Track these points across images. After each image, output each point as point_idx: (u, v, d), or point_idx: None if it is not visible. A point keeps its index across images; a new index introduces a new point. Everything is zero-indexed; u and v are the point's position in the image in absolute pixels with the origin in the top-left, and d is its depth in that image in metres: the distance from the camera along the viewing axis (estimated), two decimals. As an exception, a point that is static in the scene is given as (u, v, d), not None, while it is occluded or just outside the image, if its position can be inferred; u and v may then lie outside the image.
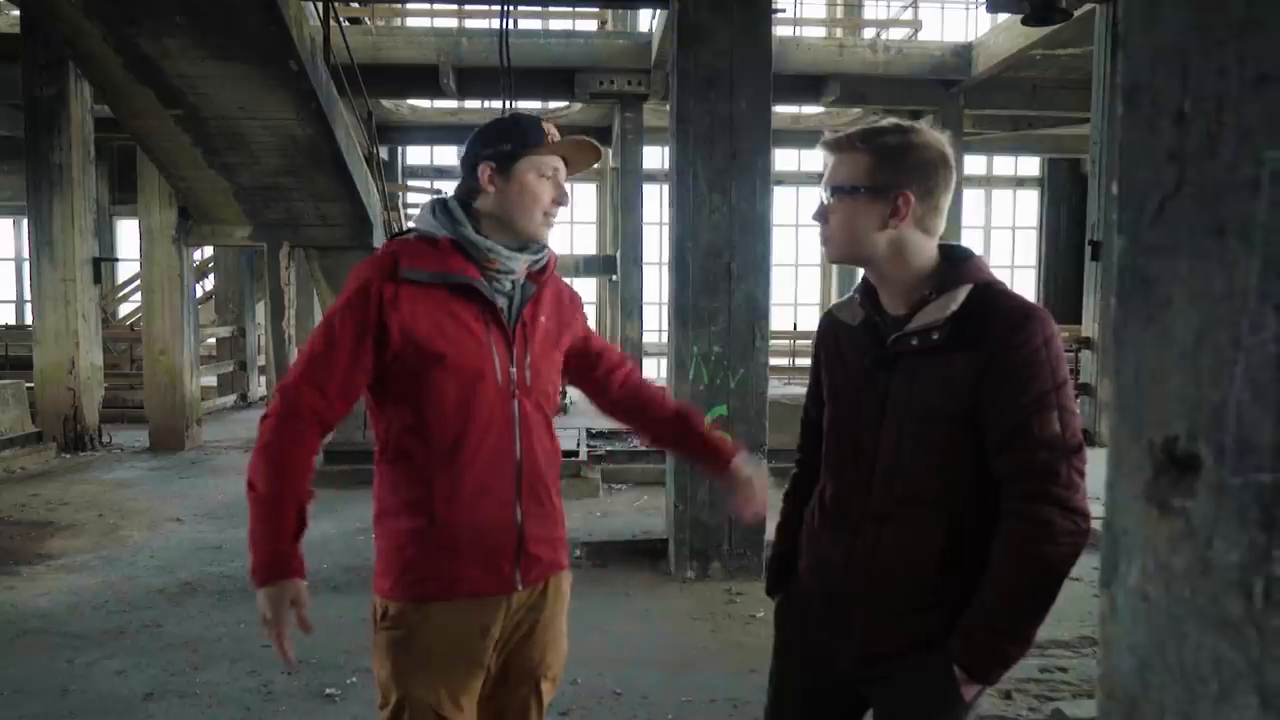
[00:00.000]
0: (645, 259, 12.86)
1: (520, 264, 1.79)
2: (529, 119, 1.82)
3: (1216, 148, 0.61)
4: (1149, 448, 0.66)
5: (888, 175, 1.48)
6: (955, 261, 1.52)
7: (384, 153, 12.18)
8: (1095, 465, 1.46)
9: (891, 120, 1.56)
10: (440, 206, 1.80)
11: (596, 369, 2.05)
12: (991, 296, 1.47)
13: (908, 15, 13.77)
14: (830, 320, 1.69)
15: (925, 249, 1.52)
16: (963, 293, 1.47)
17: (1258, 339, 0.57)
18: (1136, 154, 0.69)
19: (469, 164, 1.79)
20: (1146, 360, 0.67)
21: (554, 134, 1.80)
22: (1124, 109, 0.70)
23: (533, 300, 1.83)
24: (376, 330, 1.68)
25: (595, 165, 1.98)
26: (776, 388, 6.50)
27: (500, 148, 1.76)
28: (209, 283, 13.79)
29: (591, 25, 12.61)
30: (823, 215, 1.55)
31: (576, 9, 12.10)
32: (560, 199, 1.81)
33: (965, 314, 1.45)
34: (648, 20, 11.38)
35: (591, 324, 2.18)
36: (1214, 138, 0.61)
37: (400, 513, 1.75)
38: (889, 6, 14.66)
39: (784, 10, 9.39)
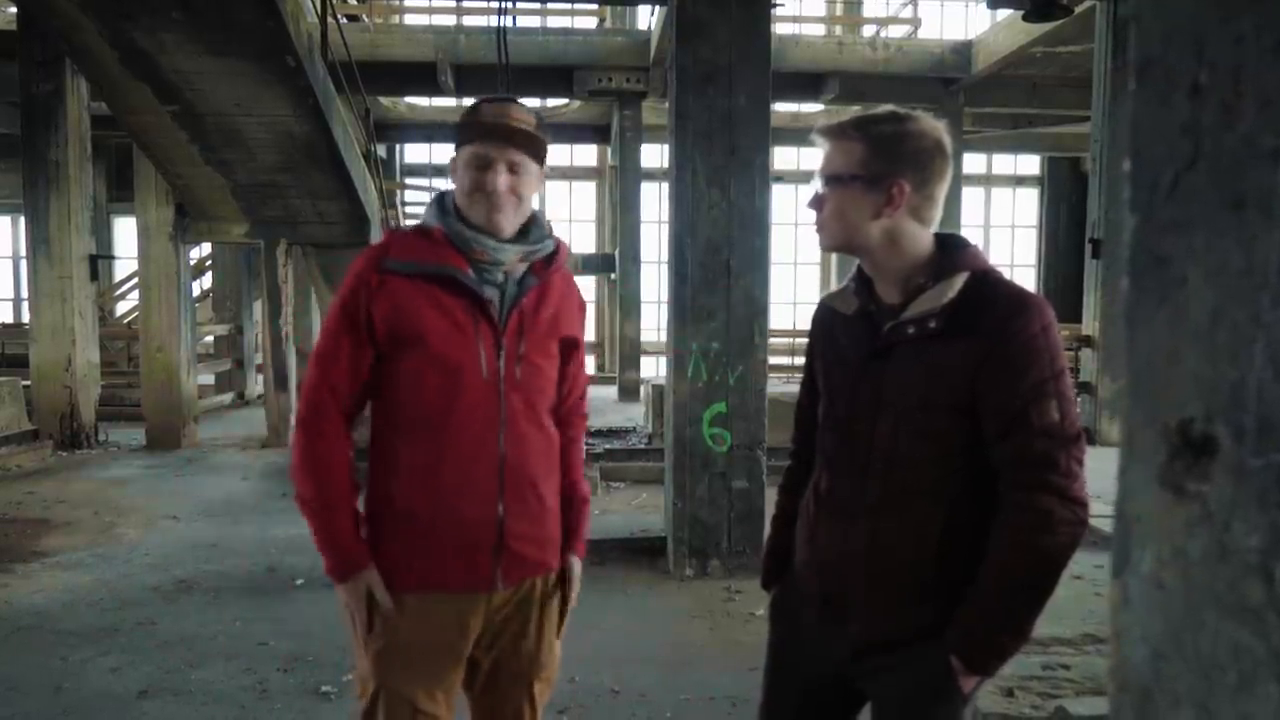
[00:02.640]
0: (644, 257, 12.86)
1: (510, 254, 1.75)
2: (475, 106, 1.77)
3: (1233, 119, 0.59)
4: (1163, 431, 0.64)
5: (882, 164, 1.46)
6: (951, 250, 1.51)
7: (382, 150, 12.17)
8: (1095, 463, 1.45)
9: (887, 108, 1.53)
10: (437, 199, 1.81)
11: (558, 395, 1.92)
12: (989, 285, 1.46)
13: (907, 13, 13.74)
14: (824, 309, 1.67)
15: (920, 238, 1.50)
16: (959, 281, 1.45)
17: (1278, 315, 0.55)
18: (1150, 130, 0.67)
19: None
20: (1161, 341, 0.65)
21: (493, 118, 1.72)
22: (1136, 84, 0.68)
23: (537, 292, 1.78)
24: (367, 320, 1.71)
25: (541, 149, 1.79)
26: (776, 385, 6.48)
27: (456, 138, 1.78)
28: (206, 280, 13.76)
29: (590, 23, 12.61)
30: (817, 203, 1.53)
31: (575, 6, 12.11)
32: (483, 188, 1.71)
33: (962, 302, 1.44)
34: (646, 17, 11.37)
35: (590, 327, 2.07)
36: (1231, 109, 0.59)
37: (381, 503, 1.77)
38: (888, 4, 14.63)
39: (783, 5, 9.37)
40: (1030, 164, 17.56)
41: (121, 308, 15.03)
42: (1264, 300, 0.56)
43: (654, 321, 14.21)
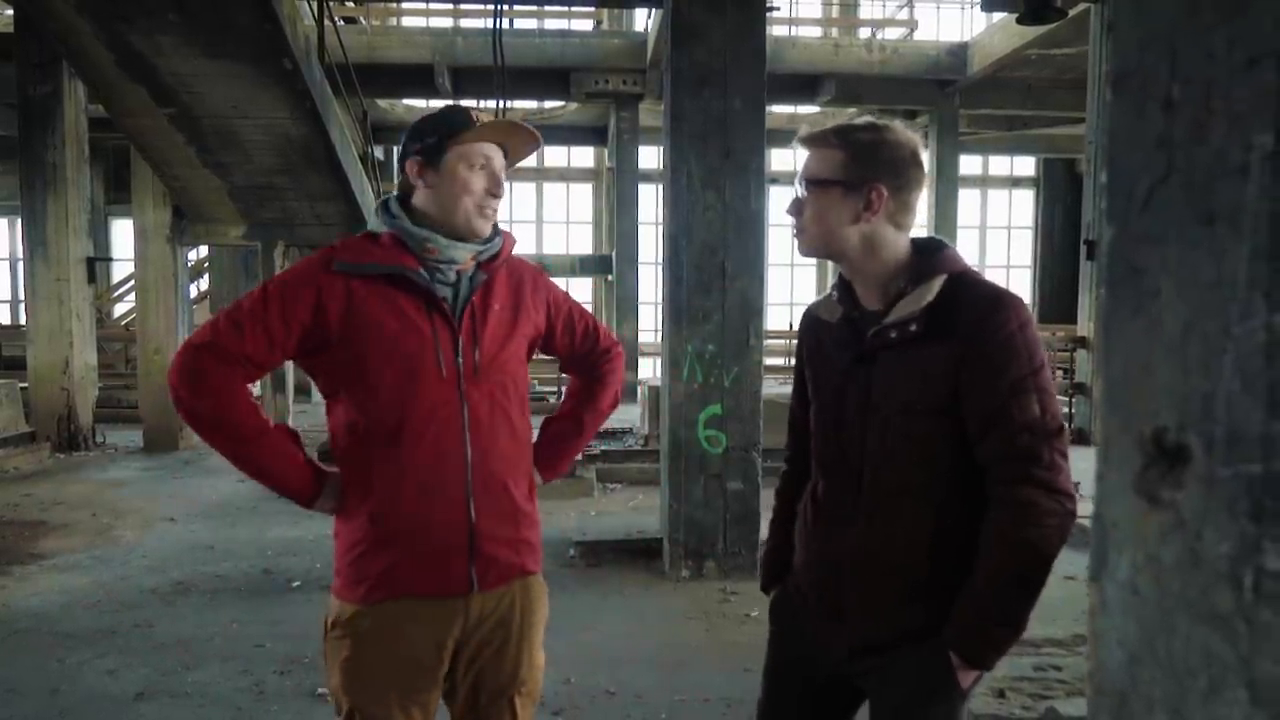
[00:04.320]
0: (641, 258, 12.88)
1: (463, 253, 1.72)
2: (456, 108, 1.74)
3: (1205, 134, 0.60)
4: (1138, 439, 0.65)
5: (861, 170, 1.50)
6: (928, 254, 1.54)
7: (379, 152, 12.16)
8: (1089, 463, 1.47)
9: (866, 118, 1.58)
10: (382, 205, 1.77)
11: (567, 365, 2.02)
12: (965, 286, 1.49)
13: (903, 15, 13.78)
14: (810, 319, 1.70)
15: (897, 244, 1.53)
16: (937, 284, 1.48)
17: (1246, 327, 0.56)
18: (1125, 141, 0.68)
19: (401, 161, 1.76)
20: (1135, 351, 0.66)
21: (491, 119, 1.72)
22: (1112, 95, 0.69)
23: (484, 287, 1.75)
24: (310, 320, 1.66)
25: (535, 150, 1.82)
26: (771, 386, 6.49)
27: (426, 140, 1.70)
28: (204, 282, 13.76)
29: (587, 25, 12.61)
30: (797, 208, 1.57)
31: (572, 8, 12.09)
32: (493, 189, 1.72)
33: (940, 304, 1.47)
34: (643, 20, 11.37)
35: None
36: (1203, 124, 0.60)
37: (348, 511, 1.72)
38: (885, 6, 14.65)
39: (778, 9, 9.37)
40: (1026, 165, 17.60)
41: (119, 309, 15.03)
42: (1233, 313, 0.57)
43: (651, 323, 14.23)
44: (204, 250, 12.90)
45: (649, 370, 13.22)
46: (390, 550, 1.68)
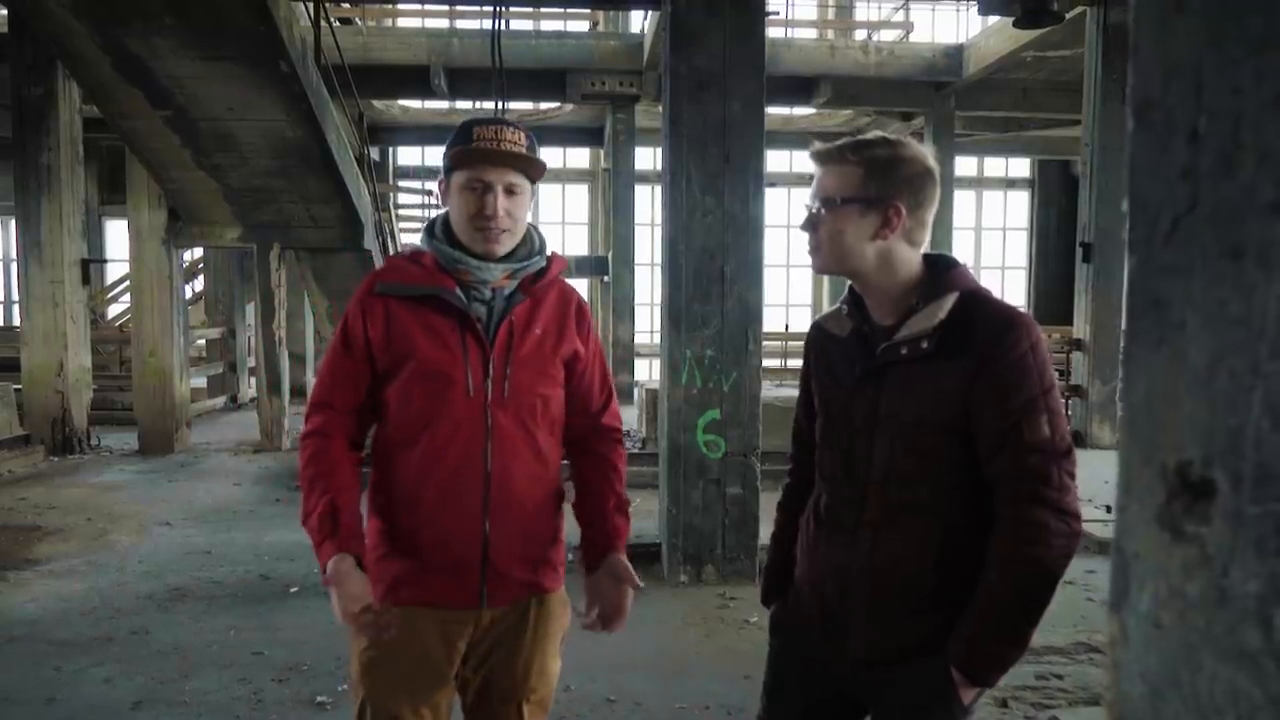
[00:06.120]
0: (638, 260, 12.87)
1: (495, 273, 1.76)
2: (464, 129, 1.74)
3: (1234, 168, 0.59)
4: (1161, 471, 0.64)
5: (879, 187, 1.49)
6: (940, 271, 1.54)
7: (375, 153, 12.14)
8: (1089, 467, 1.48)
9: (877, 133, 1.58)
10: (428, 224, 1.84)
11: (569, 410, 1.90)
12: (977, 304, 1.49)
13: (899, 17, 13.79)
14: (818, 332, 1.70)
15: (911, 260, 1.54)
16: (949, 301, 1.49)
17: (1278, 365, 0.55)
18: (1147, 171, 0.67)
19: None
20: (1158, 383, 0.65)
21: (488, 142, 1.70)
22: (1134, 124, 0.69)
23: (524, 308, 1.78)
24: (363, 343, 1.75)
25: (543, 172, 1.81)
26: (769, 389, 6.48)
27: (443, 161, 1.78)
28: (199, 284, 13.71)
29: (583, 26, 12.59)
30: (812, 225, 1.56)
31: (568, 10, 12.08)
32: (488, 213, 1.70)
33: (953, 322, 1.47)
34: (640, 21, 11.36)
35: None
36: (1230, 158, 0.60)
37: (375, 515, 1.81)
38: (880, 8, 14.67)
39: (777, 13, 9.37)
40: (1021, 167, 17.62)
41: (114, 311, 14.97)
42: (1262, 350, 0.56)
43: (647, 324, 14.23)
44: (199, 252, 12.84)
45: (646, 372, 13.22)
46: (405, 558, 1.75)
